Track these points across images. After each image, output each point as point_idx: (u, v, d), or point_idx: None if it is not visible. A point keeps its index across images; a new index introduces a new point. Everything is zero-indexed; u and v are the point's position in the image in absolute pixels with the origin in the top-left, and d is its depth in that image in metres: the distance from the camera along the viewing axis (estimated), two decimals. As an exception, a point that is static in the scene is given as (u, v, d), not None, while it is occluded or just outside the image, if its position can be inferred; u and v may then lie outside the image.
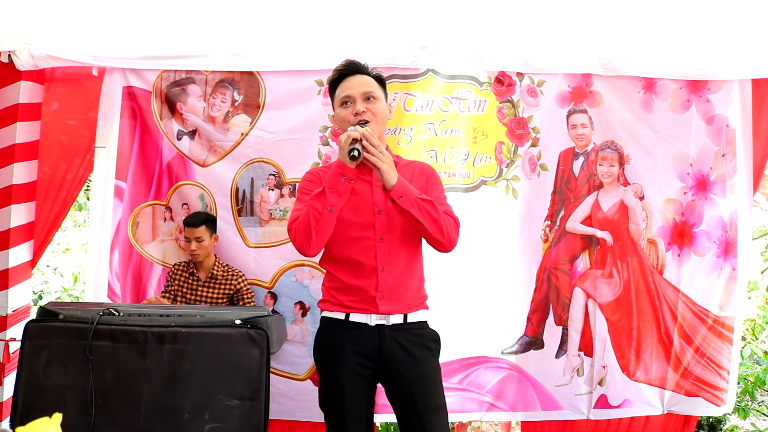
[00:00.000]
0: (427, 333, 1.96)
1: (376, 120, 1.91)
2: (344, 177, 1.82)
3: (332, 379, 1.91)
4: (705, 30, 2.62)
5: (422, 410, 1.86)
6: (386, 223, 1.89)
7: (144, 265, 2.85)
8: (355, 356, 1.88)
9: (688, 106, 2.83)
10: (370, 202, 1.91)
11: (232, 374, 2.01)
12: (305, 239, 1.85)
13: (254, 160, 2.79)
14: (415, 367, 1.88)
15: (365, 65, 1.99)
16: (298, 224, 1.86)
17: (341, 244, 1.91)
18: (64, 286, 5.03)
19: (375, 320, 1.88)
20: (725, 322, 2.87)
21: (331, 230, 1.86)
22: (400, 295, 1.90)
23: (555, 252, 2.85)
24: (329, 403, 1.92)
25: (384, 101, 1.98)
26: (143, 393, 1.97)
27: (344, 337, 1.90)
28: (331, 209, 1.82)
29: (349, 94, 1.92)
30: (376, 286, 1.88)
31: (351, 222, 1.90)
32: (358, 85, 1.92)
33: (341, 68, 1.98)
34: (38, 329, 2.05)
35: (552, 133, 2.83)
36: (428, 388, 1.89)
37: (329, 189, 1.82)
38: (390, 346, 1.87)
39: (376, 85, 1.96)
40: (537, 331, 2.85)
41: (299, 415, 2.79)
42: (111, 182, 2.81)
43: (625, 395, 2.86)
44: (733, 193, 2.86)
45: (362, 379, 1.89)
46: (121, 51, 2.73)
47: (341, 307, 1.92)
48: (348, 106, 1.92)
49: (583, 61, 2.76)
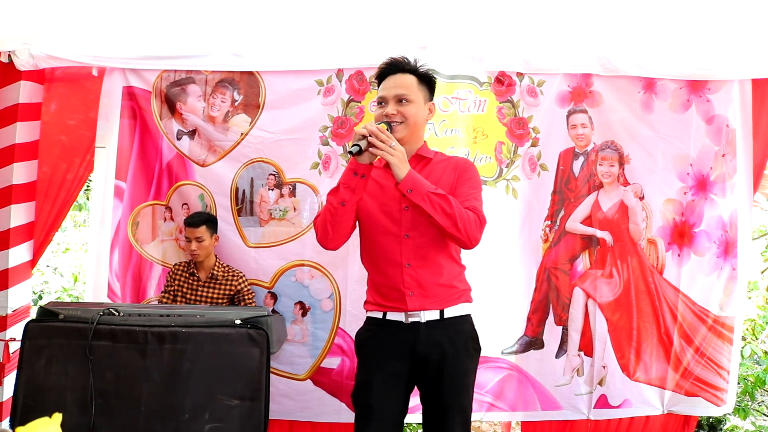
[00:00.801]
0: (466, 330, 1.94)
1: (407, 122, 1.90)
2: (356, 173, 1.83)
3: (364, 374, 1.94)
4: (705, 30, 2.62)
5: (447, 409, 1.87)
6: (411, 220, 1.89)
7: (144, 265, 2.85)
8: (388, 355, 1.89)
9: (688, 106, 2.83)
10: (397, 198, 1.90)
11: (232, 374, 2.02)
12: (323, 233, 1.90)
13: (254, 160, 2.79)
14: (446, 364, 1.87)
15: (408, 62, 1.97)
16: (318, 219, 1.92)
17: (370, 241, 1.94)
18: (64, 286, 5.03)
19: (409, 318, 1.88)
20: (725, 322, 2.87)
21: (349, 225, 1.89)
22: (430, 291, 1.89)
23: (555, 252, 2.85)
24: (357, 397, 1.94)
25: (421, 103, 1.94)
26: (143, 393, 1.97)
27: (381, 335, 1.92)
28: (343, 204, 1.84)
29: (383, 95, 1.93)
30: (402, 282, 1.88)
31: (378, 219, 1.92)
32: (393, 87, 1.92)
33: (383, 66, 1.98)
34: (38, 329, 2.05)
35: (552, 133, 2.83)
36: (456, 387, 1.89)
37: (342, 184, 1.85)
38: (424, 344, 1.87)
39: (415, 85, 1.94)
40: (537, 331, 2.85)
41: (299, 415, 2.79)
42: (111, 182, 2.82)
43: (625, 395, 2.86)
44: (733, 193, 2.86)
45: (393, 377, 1.89)
46: (121, 51, 2.73)
47: (378, 306, 1.94)
48: (382, 106, 1.93)
49: (583, 61, 2.76)
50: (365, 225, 1.95)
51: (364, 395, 1.90)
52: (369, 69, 2.75)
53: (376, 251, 1.93)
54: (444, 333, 1.89)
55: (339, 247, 1.95)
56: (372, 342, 1.94)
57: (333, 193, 1.87)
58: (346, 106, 2.78)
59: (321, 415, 2.79)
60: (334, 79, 2.77)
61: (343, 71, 2.77)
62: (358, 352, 2.00)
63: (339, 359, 2.80)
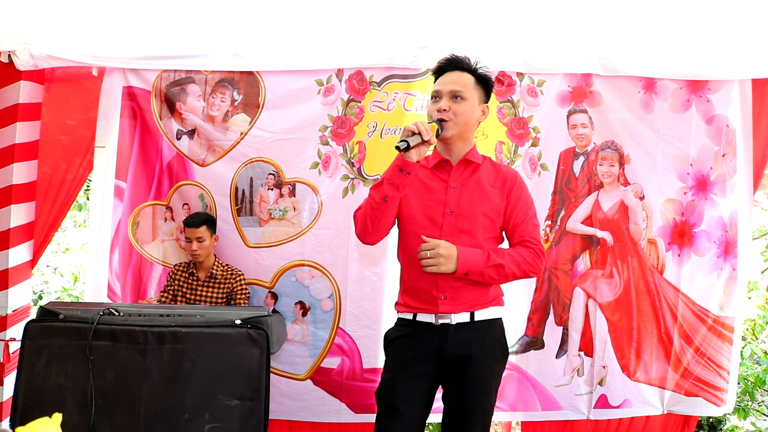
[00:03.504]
0: (496, 334, 1.95)
1: (456, 120, 1.89)
2: (401, 170, 1.80)
3: (390, 373, 1.94)
4: (705, 30, 2.62)
5: (468, 411, 1.88)
6: (453, 225, 1.89)
7: (144, 265, 2.85)
8: (415, 355, 1.89)
9: (688, 106, 2.83)
10: (443, 201, 1.91)
11: (233, 374, 2.02)
12: (362, 227, 1.89)
13: (253, 160, 2.79)
14: (472, 366, 1.88)
15: (468, 61, 1.96)
16: (360, 212, 1.91)
17: (408, 241, 1.93)
18: (64, 286, 5.02)
19: (438, 320, 1.88)
20: (725, 322, 2.87)
21: (389, 221, 1.89)
22: (462, 295, 1.89)
23: (555, 252, 2.85)
24: (382, 395, 1.94)
25: (475, 103, 1.93)
26: (143, 393, 1.97)
27: (410, 336, 1.92)
28: (386, 200, 1.82)
29: (438, 90, 1.92)
30: (436, 286, 1.88)
31: (419, 220, 1.91)
32: (449, 82, 1.91)
33: (442, 62, 1.97)
34: (38, 329, 2.05)
35: (552, 133, 2.83)
36: (480, 390, 1.90)
37: (386, 180, 1.83)
38: (452, 346, 1.87)
39: (472, 84, 1.93)
40: (537, 332, 2.85)
41: (299, 415, 2.79)
42: (111, 182, 2.81)
43: (625, 395, 2.86)
44: (733, 193, 2.86)
45: (419, 378, 1.89)
46: (121, 51, 2.72)
47: (408, 308, 1.94)
48: (436, 101, 1.92)
49: (583, 61, 2.76)
50: (405, 224, 1.94)
51: (389, 394, 1.90)
52: (369, 69, 2.75)
53: (411, 252, 1.91)
54: (473, 335, 1.89)
55: (377, 242, 1.95)
56: (401, 342, 1.94)
57: (376, 188, 1.85)
58: (346, 105, 2.78)
59: (321, 415, 2.79)
60: (334, 78, 2.77)
61: (343, 71, 2.77)
62: (386, 350, 2.00)
63: (339, 359, 2.80)
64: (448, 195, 1.91)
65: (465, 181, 1.93)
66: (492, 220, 1.92)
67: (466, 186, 1.93)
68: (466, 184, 1.93)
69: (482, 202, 1.92)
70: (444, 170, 1.94)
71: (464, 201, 1.91)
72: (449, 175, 1.93)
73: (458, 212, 1.90)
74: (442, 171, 1.94)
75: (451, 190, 1.92)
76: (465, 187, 1.93)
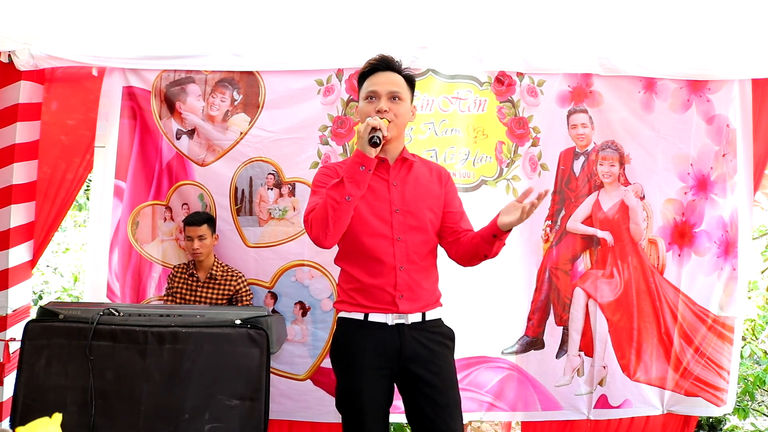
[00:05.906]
0: (444, 331, 1.98)
1: (396, 122, 1.90)
2: (363, 167, 1.80)
3: (350, 379, 1.91)
4: (705, 30, 2.62)
5: (444, 407, 1.88)
6: (403, 222, 1.91)
7: (144, 265, 2.85)
8: (375, 356, 1.88)
9: (688, 106, 2.83)
10: (387, 200, 1.91)
11: (232, 374, 2.02)
12: (322, 229, 1.83)
13: (253, 159, 2.79)
14: (434, 364, 1.89)
15: (398, 63, 1.97)
16: (315, 214, 1.84)
17: (358, 242, 1.91)
18: (64, 286, 5.02)
19: (394, 320, 1.88)
20: (725, 322, 2.87)
21: (348, 221, 1.85)
22: (418, 294, 1.91)
23: (556, 252, 2.85)
24: (347, 403, 1.91)
25: (408, 103, 1.96)
26: (143, 393, 1.97)
27: (363, 338, 1.90)
28: (349, 198, 1.81)
29: (375, 90, 1.91)
30: (394, 285, 1.88)
31: (368, 220, 1.90)
32: (386, 83, 1.91)
33: (374, 62, 1.96)
34: (38, 329, 2.05)
35: (552, 133, 2.83)
36: (448, 385, 1.91)
37: (348, 178, 1.80)
38: (411, 345, 1.88)
39: (405, 85, 1.95)
40: (537, 332, 2.85)
41: (299, 415, 2.79)
42: (110, 182, 2.81)
43: (626, 395, 2.86)
44: (734, 193, 2.86)
45: (381, 379, 1.89)
46: (121, 51, 2.73)
47: (359, 307, 1.91)
48: (372, 102, 1.91)
49: (583, 61, 2.76)
50: (353, 226, 1.89)
51: (357, 399, 1.87)
52: (369, 69, 2.76)
53: (366, 253, 1.90)
54: (426, 334, 1.91)
55: (333, 245, 1.92)
56: (354, 345, 1.91)
57: (335, 188, 1.82)
58: (345, 105, 2.78)
59: (321, 415, 2.78)
60: (333, 78, 2.77)
61: (343, 71, 2.77)
62: (336, 356, 1.96)
63: (339, 359, 2.79)
64: (392, 193, 1.93)
65: (404, 179, 1.96)
66: (436, 215, 1.97)
67: (407, 183, 1.95)
68: (405, 182, 1.96)
69: (425, 197, 1.95)
70: (383, 169, 1.94)
71: (408, 198, 1.93)
72: (389, 174, 1.94)
73: (405, 210, 1.92)
74: (380, 170, 1.93)
75: (393, 188, 1.93)
76: (406, 184, 1.95)
